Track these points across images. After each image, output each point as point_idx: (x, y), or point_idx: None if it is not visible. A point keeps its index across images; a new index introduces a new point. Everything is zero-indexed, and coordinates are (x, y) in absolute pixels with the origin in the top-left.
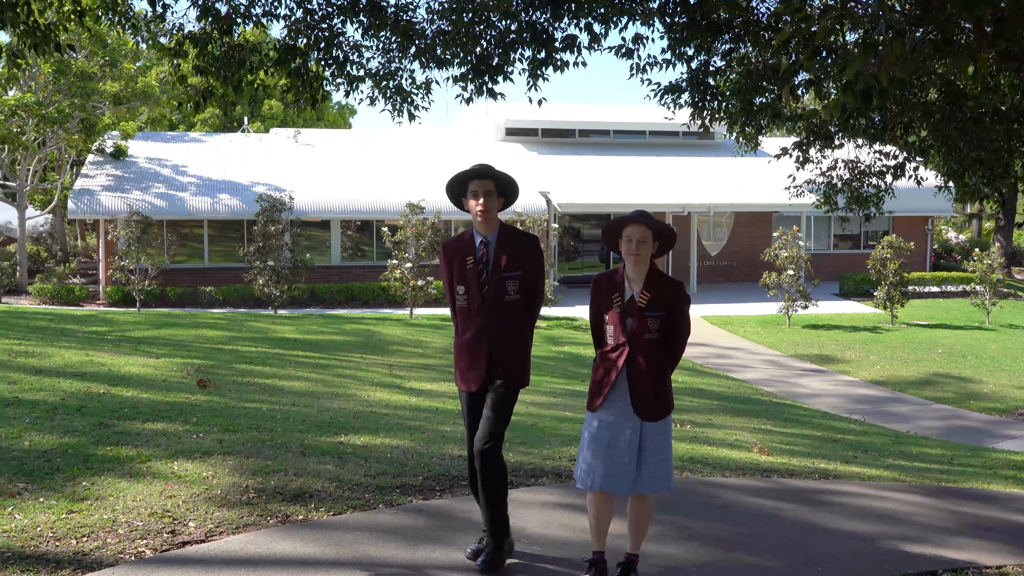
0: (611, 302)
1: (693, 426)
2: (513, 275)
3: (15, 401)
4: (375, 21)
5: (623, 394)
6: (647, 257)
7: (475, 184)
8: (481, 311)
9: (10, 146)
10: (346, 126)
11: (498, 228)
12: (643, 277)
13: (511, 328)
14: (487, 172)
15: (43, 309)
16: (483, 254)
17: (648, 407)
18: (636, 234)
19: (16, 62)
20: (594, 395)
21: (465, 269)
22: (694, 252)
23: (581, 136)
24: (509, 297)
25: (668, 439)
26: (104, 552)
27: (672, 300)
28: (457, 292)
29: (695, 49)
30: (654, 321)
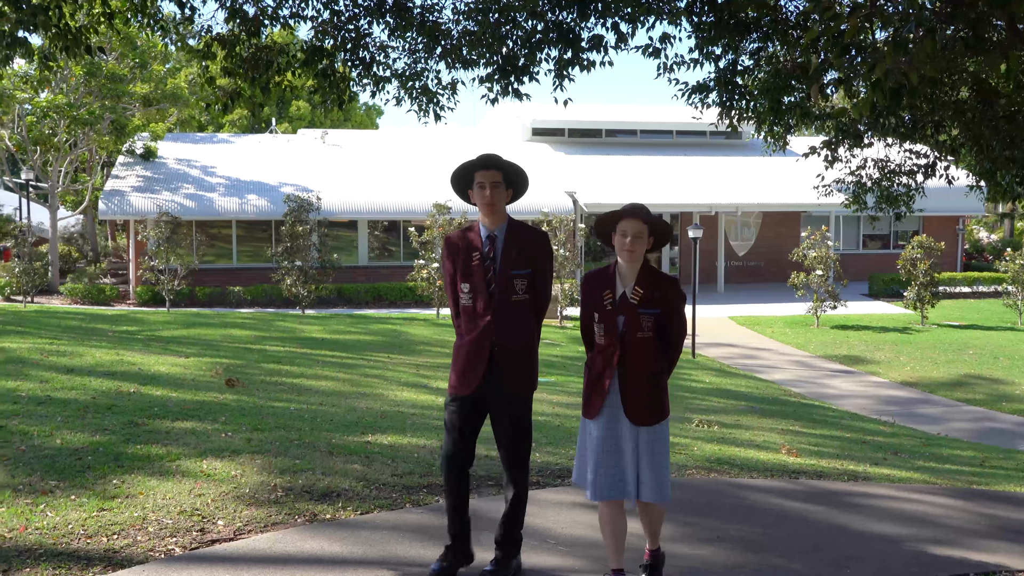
0: (602, 299)
1: (721, 427)
2: (522, 273)
3: (47, 400)
4: (401, 22)
5: (616, 398)
6: (641, 253)
7: (481, 175)
8: (487, 310)
9: (42, 147)
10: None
11: (506, 222)
12: (636, 273)
13: (518, 330)
14: (494, 162)
15: (74, 309)
16: (490, 249)
17: (641, 411)
18: (631, 229)
19: (48, 65)
20: (589, 400)
21: (471, 265)
22: (721, 252)
23: (608, 136)
24: (517, 296)
25: (664, 446)
26: (134, 550)
27: (666, 297)
28: (461, 290)
29: (723, 48)
30: (647, 319)
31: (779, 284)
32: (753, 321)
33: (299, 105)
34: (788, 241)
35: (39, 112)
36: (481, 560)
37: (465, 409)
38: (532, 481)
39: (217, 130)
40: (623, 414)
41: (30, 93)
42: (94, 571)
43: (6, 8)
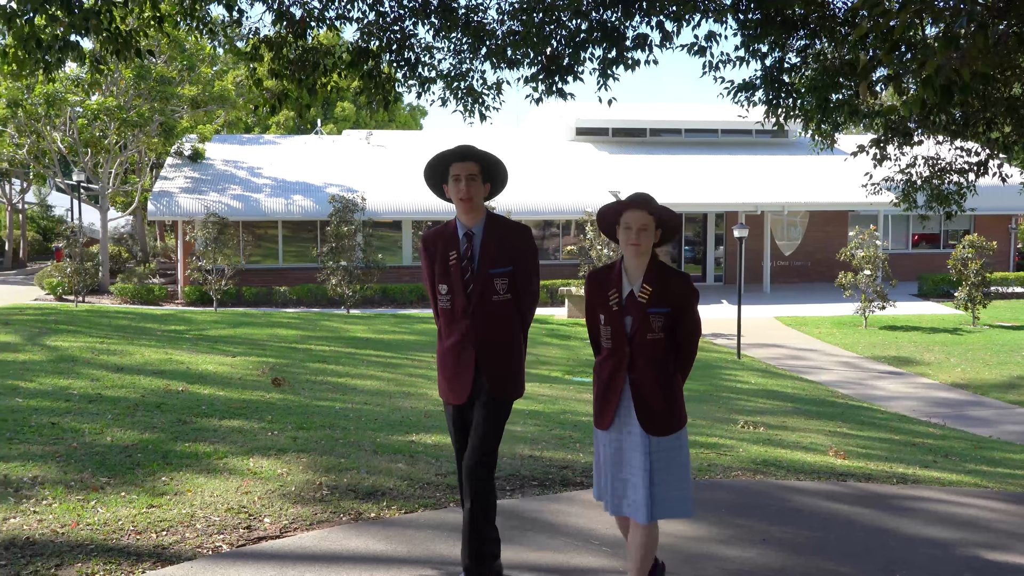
0: (607, 300)
1: (767, 428)
2: (502, 271)
3: (98, 398)
4: (446, 23)
5: (628, 406)
6: (648, 247)
7: (457, 167)
8: (466, 313)
9: (93, 149)
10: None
11: (484, 218)
12: (643, 270)
13: (499, 332)
14: (469, 153)
15: (124, 308)
16: (467, 248)
17: (655, 420)
18: (636, 221)
19: (99, 68)
20: (600, 411)
21: (448, 265)
22: (767, 252)
23: (652, 135)
24: (498, 297)
25: (683, 457)
26: (182, 546)
27: (677, 295)
28: (439, 292)
29: (769, 46)
30: (657, 319)
31: (826, 284)
32: (800, 321)
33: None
34: (835, 240)
35: (90, 115)
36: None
37: (461, 417)
38: (575, 481)
39: (263, 131)
40: (634, 425)
41: (81, 96)
42: (143, 567)
43: (59, 12)
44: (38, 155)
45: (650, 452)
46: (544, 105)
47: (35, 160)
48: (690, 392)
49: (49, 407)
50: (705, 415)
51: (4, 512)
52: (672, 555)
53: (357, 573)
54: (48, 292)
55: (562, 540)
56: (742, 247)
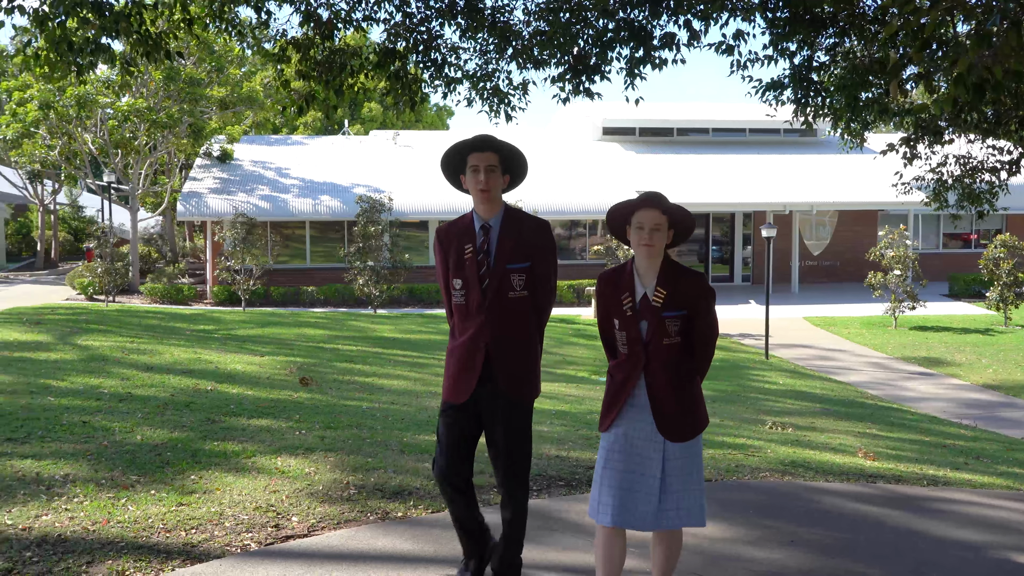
0: (620, 303)
1: (795, 429)
2: (519, 267)
3: (128, 396)
4: (472, 23)
5: (642, 411)
6: (661, 248)
7: (475, 157)
8: (481, 309)
9: (123, 151)
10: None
11: (502, 211)
12: (656, 271)
13: (515, 330)
14: (489, 143)
15: (154, 308)
16: (484, 241)
17: (673, 425)
18: (648, 220)
19: (129, 70)
20: (606, 413)
21: (463, 259)
22: (796, 251)
23: (679, 135)
24: (515, 293)
25: (698, 463)
26: (211, 544)
27: (693, 296)
28: (453, 286)
29: (798, 44)
30: (673, 323)
31: (855, 284)
32: (828, 322)
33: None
34: (865, 240)
35: (120, 116)
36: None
37: (460, 419)
38: None
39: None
40: (650, 431)
41: (112, 98)
42: (173, 564)
43: (90, 15)
44: (69, 156)
45: (665, 459)
46: (571, 105)
47: (66, 161)
48: (718, 392)
49: (80, 406)
50: (733, 416)
51: (36, 509)
52: (699, 556)
53: (384, 572)
54: (79, 292)
55: (588, 540)
56: (770, 247)
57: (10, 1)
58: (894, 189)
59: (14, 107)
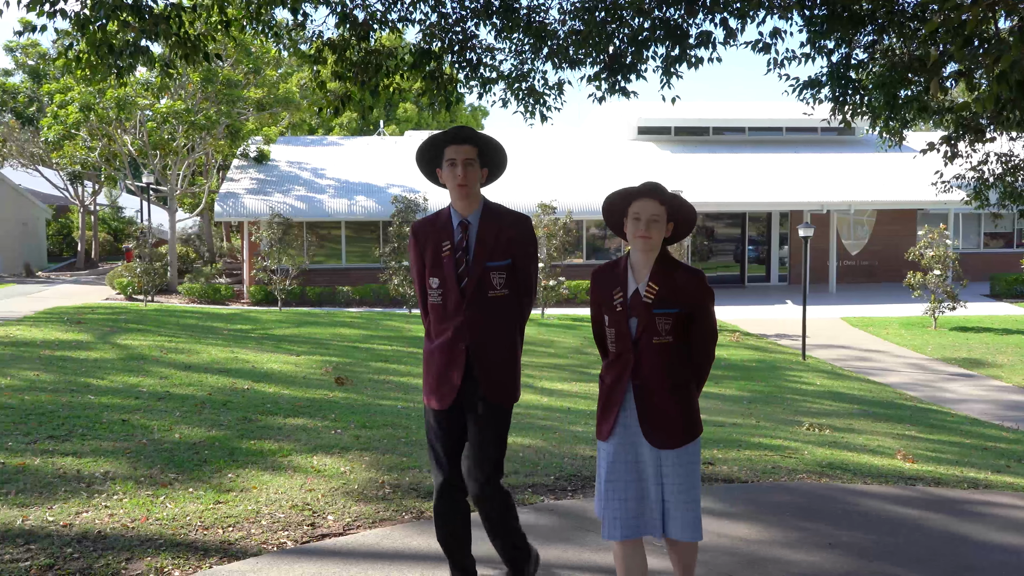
0: (611, 298)
1: (832, 431)
2: (499, 264)
3: (166, 395)
4: (508, 23)
5: (633, 415)
6: (659, 241)
7: (452, 150)
8: (459, 309)
9: (162, 152)
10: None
11: (481, 206)
12: (651, 266)
13: (495, 331)
14: (467, 135)
15: (192, 308)
16: (462, 238)
17: (661, 431)
18: (645, 211)
19: (168, 72)
20: (601, 420)
21: (440, 257)
22: (833, 251)
23: (715, 134)
24: (494, 292)
25: (693, 474)
26: (248, 542)
27: (688, 294)
28: (430, 286)
29: (836, 42)
30: (664, 320)
31: (894, 284)
32: (866, 322)
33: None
34: (904, 240)
35: (159, 118)
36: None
37: (445, 427)
38: None
39: (327, 133)
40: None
41: (151, 100)
42: (210, 561)
43: (130, 18)
44: (109, 158)
45: (660, 465)
46: (606, 104)
47: (106, 162)
48: (755, 393)
49: (120, 404)
50: (769, 417)
51: (77, 506)
52: (736, 558)
53: (419, 571)
54: (118, 292)
55: None
56: (807, 246)
57: (52, 5)
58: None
59: (55, 109)
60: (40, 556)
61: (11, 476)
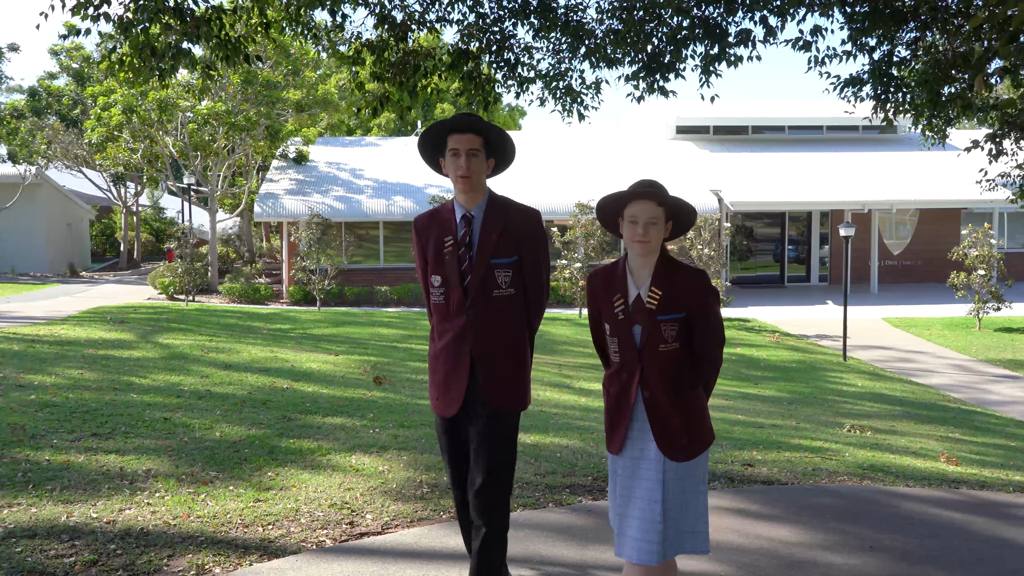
0: (611, 305)
1: (874, 432)
2: (505, 261)
3: (207, 394)
4: (545, 22)
5: (642, 427)
6: (658, 243)
7: (456, 139)
8: (462, 309)
9: (202, 153)
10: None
11: (486, 199)
12: (651, 270)
13: (501, 333)
14: (472, 124)
15: (232, 307)
16: (465, 233)
17: (673, 442)
18: (643, 213)
19: (209, 74)
20: (611, 432)
21: (442, 253)
22: (875, 251)
23: (754, 133)
24: (500, 291)
25: (700, 483)
26: (288, 540)
27: (692, 296)
28: (431, 284)
29: (877, 39)
30: (670, 327)
31: (937, 284)
32: (909, 323)
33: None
34: (947, 239)
35: (200, 119)
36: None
37: (454, 436)
38: None
39: (365, 134)
40: (652, 447)
41: (192, 101)
42: (250, 559)
43: (172, 21)
44: (151, 159)
45: (664, 479)
46: (644, 103)
47: (148, 164)
48: (794, 394)
49: (162, 403)
50: (809, 418)
51: (120, 503)
52: (776, 561)
53: (457, 571)
54: (160, 291)
55: None
56: (848, 246)
57: (96, 9)
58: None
59: (99, 112)
60: (84, 552)
61: (56, 473)
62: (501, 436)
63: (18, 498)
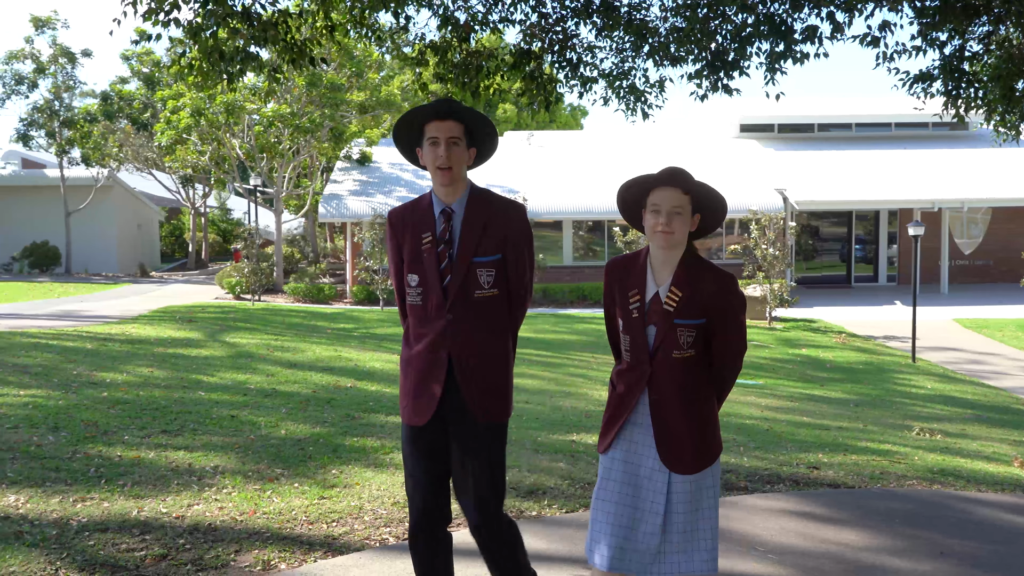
0: (627, 300)
1: (944, 436)
2: (487, 260)
3: (273, 392)
4: (608, 21)
5: (645, 432)
6: (683, 236)
7: (434, 127)
8: (441, 312)
9: (268, 155)
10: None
11: (467, 192)
12: (673, 267)
13: (483, 337)
14: (450, 109)
15: (296, 307)
16: (444, 229)
17: (680, 454)
18: (666, 202)
19: (275, 77)
20: (605, 430)
21: (419, 250)
22: (945, 251)
23: (820, 130)
24: (482, 292)
25: (712, 499)
26: (351, 537)
27: (717, 303)
28: (408, 284)
29: (949, 33)
30: (687, 332)
31: (1010, 285)
32: (980, 324)
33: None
34: (1021, 238)
35: (266, 122)
36: None
37: (423, 446)
38: (739, 486)
39: None
40: (653, 457)
41: (258, 104)
42: (315, 556)
43: (240, 25)
44: (218, 161)
45: (669, 491)
46: (707, 102)
47: (216, 166)
48: (861, 396)
49: (229, 400)
50: (877, 421)
51: (189, 499)
52: (841, 565)
53: None
54: (227, 291)
55: (725, 545)
56: (917, 246)
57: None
58: None
59: (168, 115)
60: (154, 546)
61: (127, 468)
62: (490, 451)
63: (91, 493)
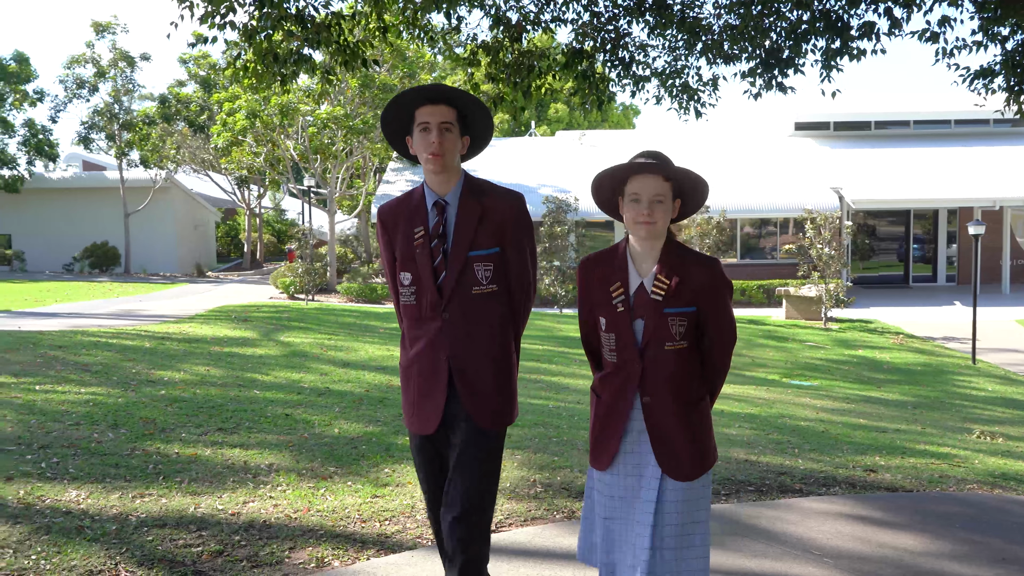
0: (609, 296)
1: (1006, 439)
2: (485, 253)
3: (326, 391)
4: (661, 20)
5: (638, 439)
6: (664, 225)
7: (424, 112)
8: (437, 311)
9: (322, 156)
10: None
11: (461, 182)
12: (657, 256)
13: (482, 338)
14: (441, 94)
15: (349, 307)
16: (438, 222)
17: (678, 460)
18: (646, 190)
19: (328, 78)
20: (597, 444)
21: (412, 246)
22: (1007, 249)
23: (877, 128)
24: (479, 288)
25: (704, 510)
26: (404, 536)
27: (704, 289)
28: (401, 282)
29: (1011, 28)
30: (678, 321)
31: None
32: None
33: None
34: None
35: (319, 123)
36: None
37: (431, 456)
38: (793, 488)
39: None
40: (648, 464)
41: (312, 106)
42: (368, 554)
43: (294, 28)
44: (273, 162)
45: (660, 501)
46: (762, 100)
47: (270, 167)
48: (920, 398)
49: (283, 399)
50: (936, 423)
51: (244, 496)
52: (899, 570)
53: (571, 571)
54: (281, 291)
55: (780, 548)
56: (978, 245)
57: (222, 18)
58: None
59: (224, 117)
60: (211, 542)
61: (184, 465)
62: (484, 459)
63: (149, 489)
